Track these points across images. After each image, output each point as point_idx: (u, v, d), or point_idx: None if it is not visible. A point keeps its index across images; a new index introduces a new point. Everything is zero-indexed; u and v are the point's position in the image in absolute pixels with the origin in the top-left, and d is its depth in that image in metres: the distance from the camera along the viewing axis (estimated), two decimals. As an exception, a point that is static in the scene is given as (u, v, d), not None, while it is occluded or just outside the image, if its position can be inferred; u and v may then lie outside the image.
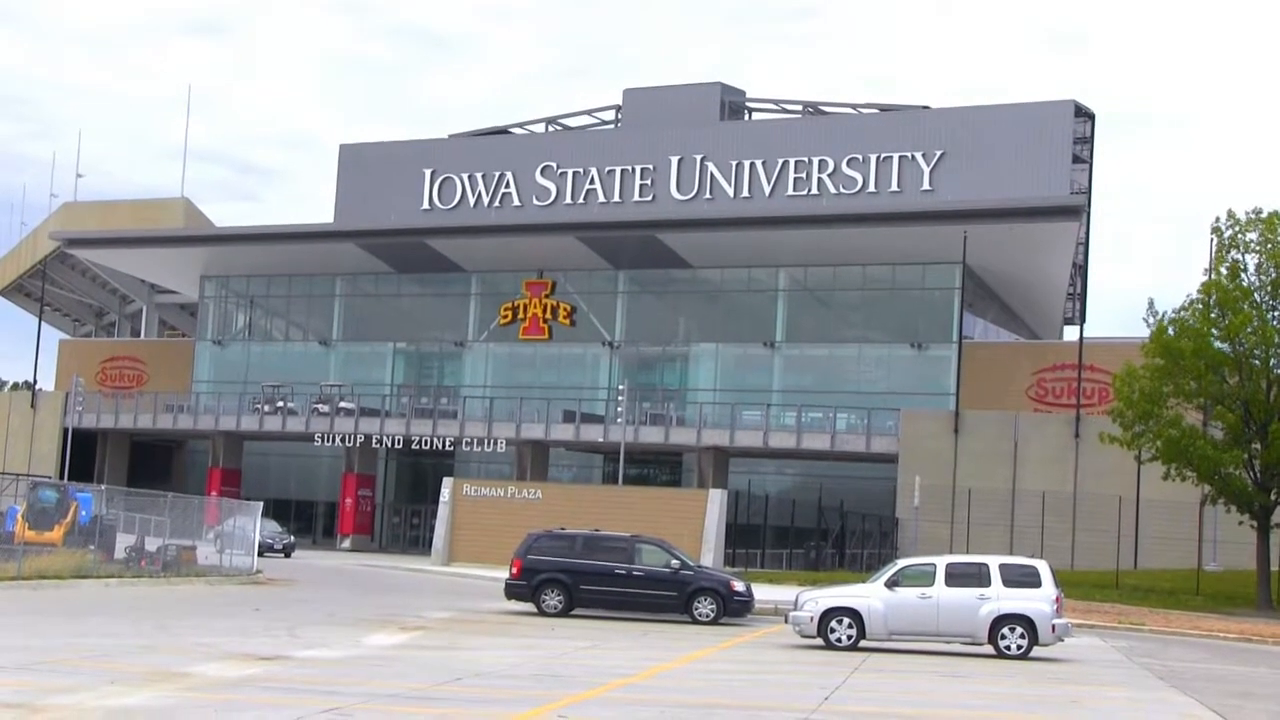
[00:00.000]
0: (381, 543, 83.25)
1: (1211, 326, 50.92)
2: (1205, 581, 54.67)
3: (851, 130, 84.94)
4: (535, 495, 61.53)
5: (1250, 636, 39.88)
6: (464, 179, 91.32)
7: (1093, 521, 61.75)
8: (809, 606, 30.32)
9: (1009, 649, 29.31)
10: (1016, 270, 76.04)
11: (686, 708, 19.66)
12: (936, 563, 31.01)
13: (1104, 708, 22.25)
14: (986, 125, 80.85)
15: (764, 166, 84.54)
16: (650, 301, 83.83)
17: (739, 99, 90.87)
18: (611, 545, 37.53)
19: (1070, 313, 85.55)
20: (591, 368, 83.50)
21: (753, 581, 40.53)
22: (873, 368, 78.35)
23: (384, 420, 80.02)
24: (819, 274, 79.17)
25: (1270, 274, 51.00)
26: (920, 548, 57.30)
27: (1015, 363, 77.47)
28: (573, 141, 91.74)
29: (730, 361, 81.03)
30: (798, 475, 79.40)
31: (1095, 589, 51.44)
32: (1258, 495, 50.76)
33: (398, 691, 19.74)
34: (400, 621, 32.13)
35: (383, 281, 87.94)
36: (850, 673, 24.97)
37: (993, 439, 68.04)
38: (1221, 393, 51.46)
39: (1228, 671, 29.54)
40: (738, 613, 36.42)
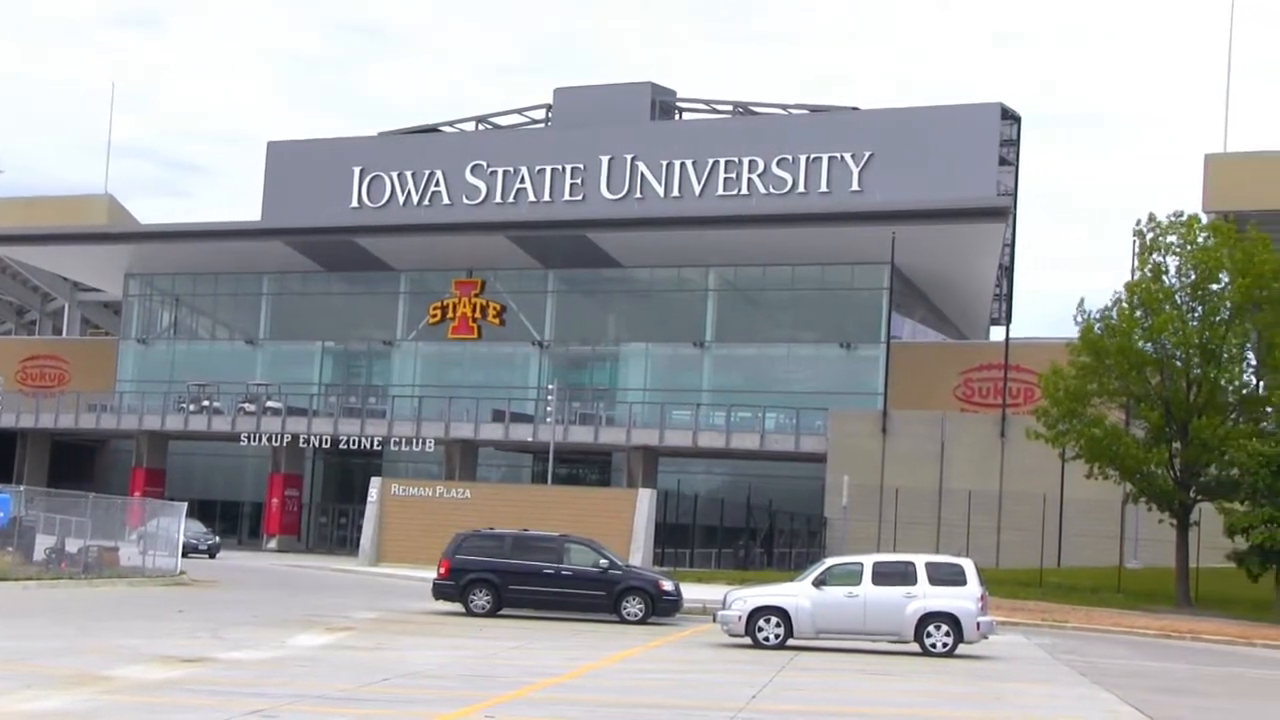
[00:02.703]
0: (308, 543, 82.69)
1: (1135, 327, 51.57)
2: (1127, 579, 55.32)
3: (781, 131, 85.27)
4: (464, 495, 61.35)
5: (1170, 633, 40.46)
6: (393, 177, 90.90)
7: (1018, 520, 62.24)
8: (737, 606, 30.44)
9: (934, 647, 29.54)
10: (944, 271, 76.61)
11: (614, 707, 19.68)
12: (864, 562, 31.23)
13: (1026, 704, 22.47)
14: (915, 127, 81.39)
15: (694, 166, 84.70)
16: (580, 301, 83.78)
17: (669, 99, 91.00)
18: (540, 545, 37.48)
19: (997, 313, 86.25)
20: (521, 367, 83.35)
21: (681, 581, 40.59)
22: (802, 367, 78.69)
23: (311, 420, 79.48)
24: (748, 274, 79.39)
25: (1190, 276, 51.72)
26: (848, 547, 57.58)
27: (942, 363, 78.06)
28: (503, 140, 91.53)
29: (660, 361, 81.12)
30: (727, 475, 79.59)
31: (1020, 587, 51.93)
32: (1178, 494, 51.43)
33: (324, 692, 19.62)
34: (327, 622, 31.94)
35: (311, 280, 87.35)
36: (777, 671, 25.07)
37: (920, 439, 68.48)
38: (1144, 392, 52.13)
39: (1148, 667, 29.94)
40: (666, 612, 36.48)
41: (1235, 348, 51.94)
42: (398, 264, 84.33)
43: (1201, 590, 51.71)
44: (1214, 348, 50.93)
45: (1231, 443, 49.36)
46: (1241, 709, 23.05)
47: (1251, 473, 47.67)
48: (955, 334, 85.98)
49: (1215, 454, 50.45)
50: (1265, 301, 50.94)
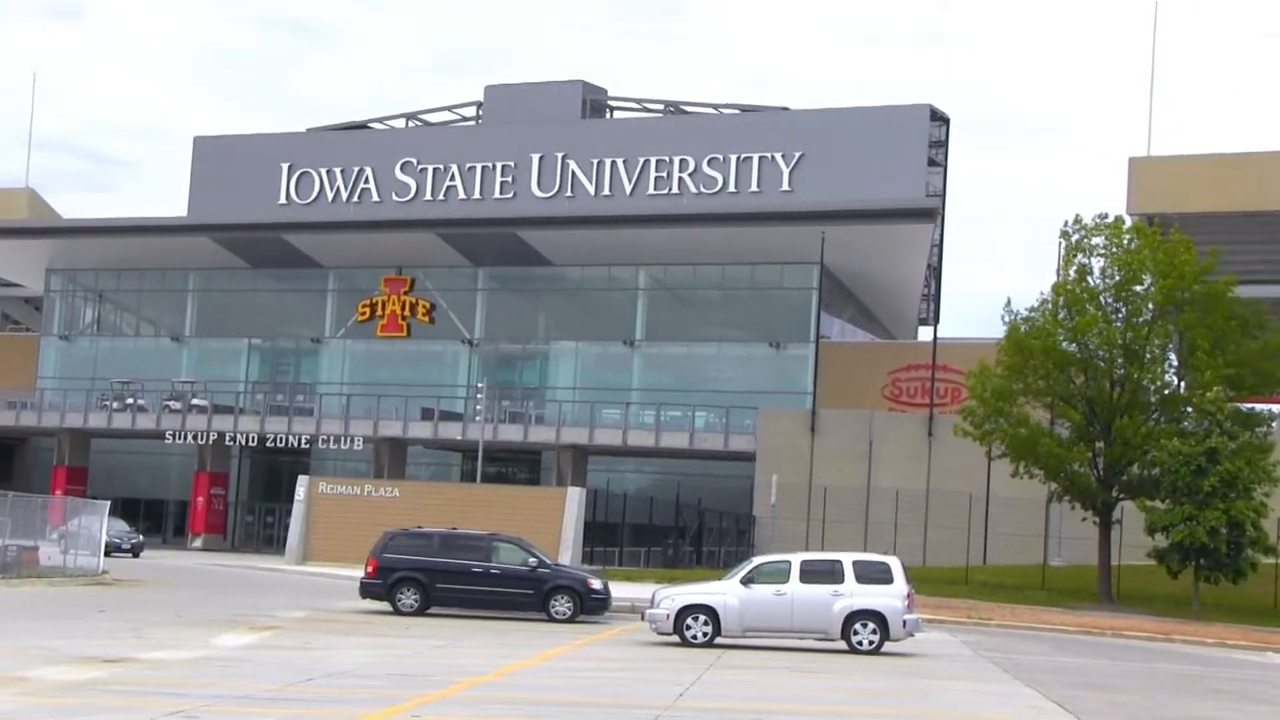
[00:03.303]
0: (234, 542, 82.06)
1: (1059, 327, 52.12)
2: (1051, 576, 55.90)
3: (712, 130, 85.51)
4: (392, 493, 61.07)
5: (1091, 629, 40.94)
6: (322, 174, 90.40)
7: (945, 518, 62.76)
8: (665, 604, 30.48)
9: (861, 644, 29.70)
10: (873, 271, 77.09)
11: (541, 705, 19.67)
12: (791, 560, 31.34)
13: (950, 701, 22.66)
14: (844, 127, 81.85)
15: (625, 165, 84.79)
16: (510, 299, 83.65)
17: (601, 97, 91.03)
18: (469, 544, 37.38)
19: (925, 313, 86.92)
20: (450, 365, 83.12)
21: (610, 579, 40.59)
22: (731, 367, 78.94)
23: (238, 417, 78.90)
24: (679, 273, 79.55)
25: (1114, 277, 52.32)
26: (777, 545, 57.78)
27: (871, 362, 78.53)
28: (434, 138, 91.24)
29: (590, 360, 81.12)
30: (656, 473, 79.74)
31: (946, 585, 52.33)
32: (1101, 492, 52.04)
33: (247, 693, 19.48)
34: (251, 621, 31.69)
35: (237, 276, 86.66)
36: (705, 669, 25.13)
37: (849, 438, 68.86)
38: (1068, 392, 52.69)
39: (1069, 663, 30.26)
40: (595, 611, 36.47)
41: (1157, 348, 52.62)
42: (326, 261, 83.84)
43: (1123, 587, 52.34)
44: (1137, 348, 51.57)
45: (1153, 442, 49.97)
46: (1157, 703, 23.34)
47: (1172, 471, 48.25)
48: (884, 334, 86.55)
49: (1137, 453, 51.07)
50: (1187, 303, 51.63)
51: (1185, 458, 47.79)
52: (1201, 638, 40.48)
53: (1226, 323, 51.35)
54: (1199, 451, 47.65)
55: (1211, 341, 50.24)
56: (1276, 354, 52.33)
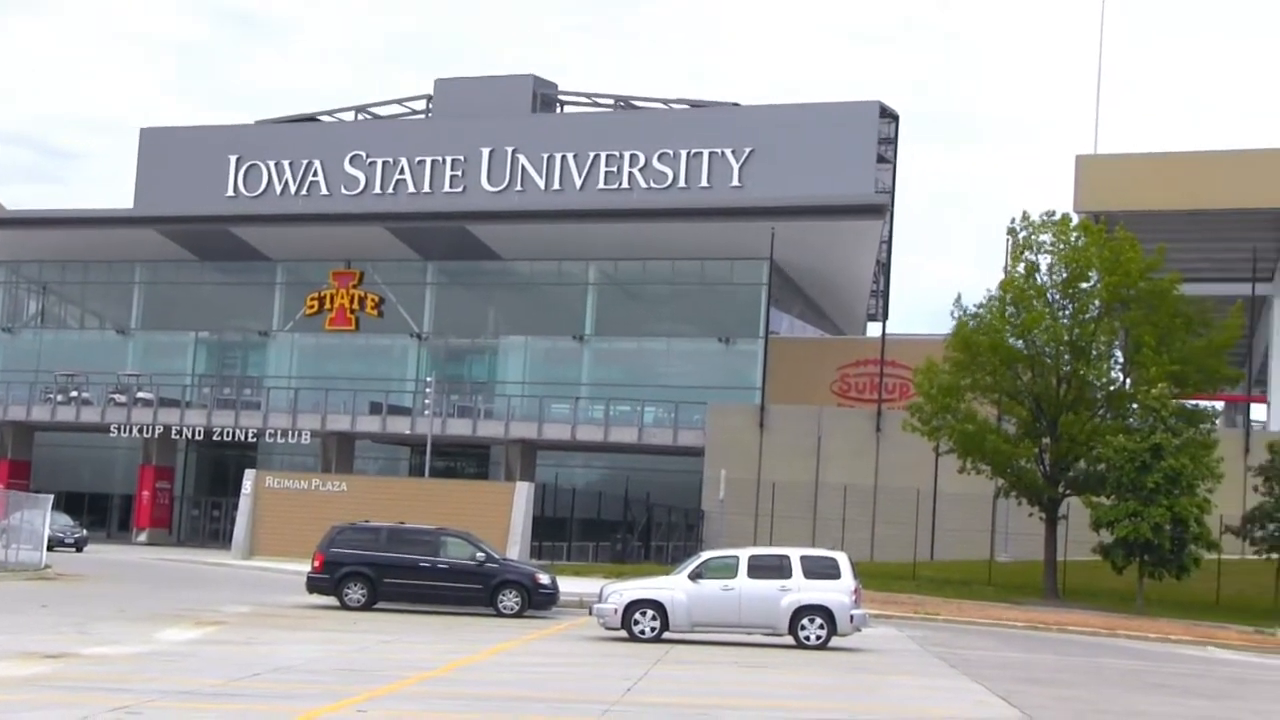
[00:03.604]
0: (180, 536, 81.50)
1: (1007, 324, 52.45)
2: (997, 572, 56.28)
3: (663, 125, 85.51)
4: (340, 488, 60.75)
5: (1037, 624, 41.23)
6: (271, 166, 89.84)
7: (893, 514, 63.07)
8: (613, 599, 30.46)
9: (808, 639, 29.77)
10: (822, 267, 77.30)
11: (489, 700, 19.61)
12: (739, 555, 31.38)
13: (897, 695, 22.75)
14: (795, 124, 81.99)
15: (575, 160, 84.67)
16: (459, 293, 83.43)
17: (551, 91, 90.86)
18: (416, 538, 37.25)
19: (874, 309, 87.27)
20: (399, 359, 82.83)
21: (559, 574, 40.57)
22: (680, 362, 78.98)
23: (184, 411, 78.35)
24: (629, 268, 79.55)
25: (1061, 274, 52.71)
26: (725, 540, 57.96)
27: (820, 358, 78.75)
28: (383, 131, 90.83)
29: (539, 354, 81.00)
30: (605, 468, 79.72)
31: (894, 580, 52.57)
32: (1047, 488, 52.43)
33: (191, 688, 19.33)
34: (197, 616, 31.46)
35: (184, 269, 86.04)
36: (653, 664, 25.13)
37: (797, 433, 69.04)
38: (1015, 388, 53.05)
39: (1015, 659, 30.44)
40: (543, 605, 36.45)
41: (1103, 345, 53.09)
42: (274, 254, 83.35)
43: (1069, 582, 52.73)
44: (1083, 345, 51.99)
45: (1099, 438, 50.40)
46: (1101, 697, 23.52)
47: (1117, 467, 48.65)
48: (833, 329, 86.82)
49: (1083, 449, 51.49)
50: (1132, 300, 52.12)
51: (1130, 454, 48.18)
52: (1145, 632, 40.87)
53: (1171, 320, 51.83)
54: (1144, 448, 48.06)
55: (1157, 339, 50.70)
56: (1220, 351, 52.88)
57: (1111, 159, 72.53)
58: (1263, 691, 26.89)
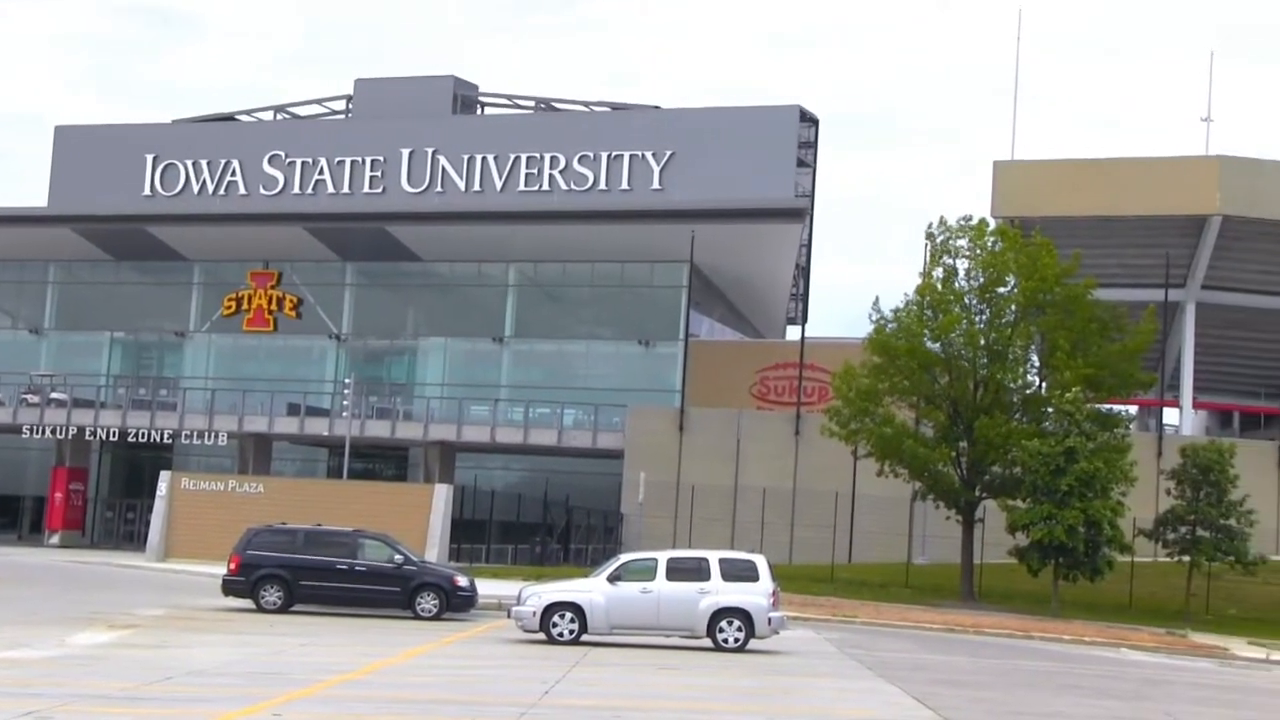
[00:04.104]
0: (94, 538, 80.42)
1: (924, 327, 52.84)
2: (914, 574, 56.70)
3: (583, 128, 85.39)
4: (257, 489, 60.29)
5: (954, 626, 41.58)
6: (188, 166, 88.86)
7: (811, 517, 63.35)
8: (532, 601, 30.44)
9: (726, 642, 29.87)
10: (742, 270, 77.54)
11: (405, 703, 19.53)
12: (658, 558, 31.47)
13: (813, 698, 22.87)
14: (715, 127, 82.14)
15: (496, 161, 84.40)
16: (379, 294, 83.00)
17: (471, 93, 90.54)
18: (334, 540, 37.08)
19: (793, 312, 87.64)
20: (318, 360, 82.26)
21: (478, 577, 40.50)
22: (601, 364, 78.95)
23: (98, 412, 77.34)
24: (549, 270, 79.43)
25: (978, 279, 53.19)
26: (644, 543, 57.94)
27: (740, 361, 78.97)
28: (302, 131, 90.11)
29: (459, 356, 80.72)
30: (525, 470, 79.55)
31: (812, 583, 52.84)
32: (964, 491, 52.88)
33: (104, 692, 19.10)
34: (110, 619, 31.08)
35: (100, 269, 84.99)
36: (571, 667, 25.12)
37: (717, 436, 69.20)
38: (932, 392, 53.46)
39: (931, 660, 30.69)
40: (461, 608, 36.37)
41: (1020, 349, 53.62)
42: (191, 254, 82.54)
43: (985, 585, 53.22)
44: (1000, 349, 52.49)
45: (1014, 441, 50.85)
46: (1014, 699, 23.78)
47: (1032, 471, 49.13)
48: (753, 332, 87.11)
49: (999, 453, 51.94)
50: (1048, 305, 52.67)
51: (1045, 457, 48.67)
52: (1060, 634, 41.34)
53: (1086, 325, 52.44)
54: (1058, 451, 48.55)
55: (1072, 343, 51.29)
56: (1134, 356, 53.56)
57: (1028, 165, 73.28)
58: (1174, 692, 27.27)
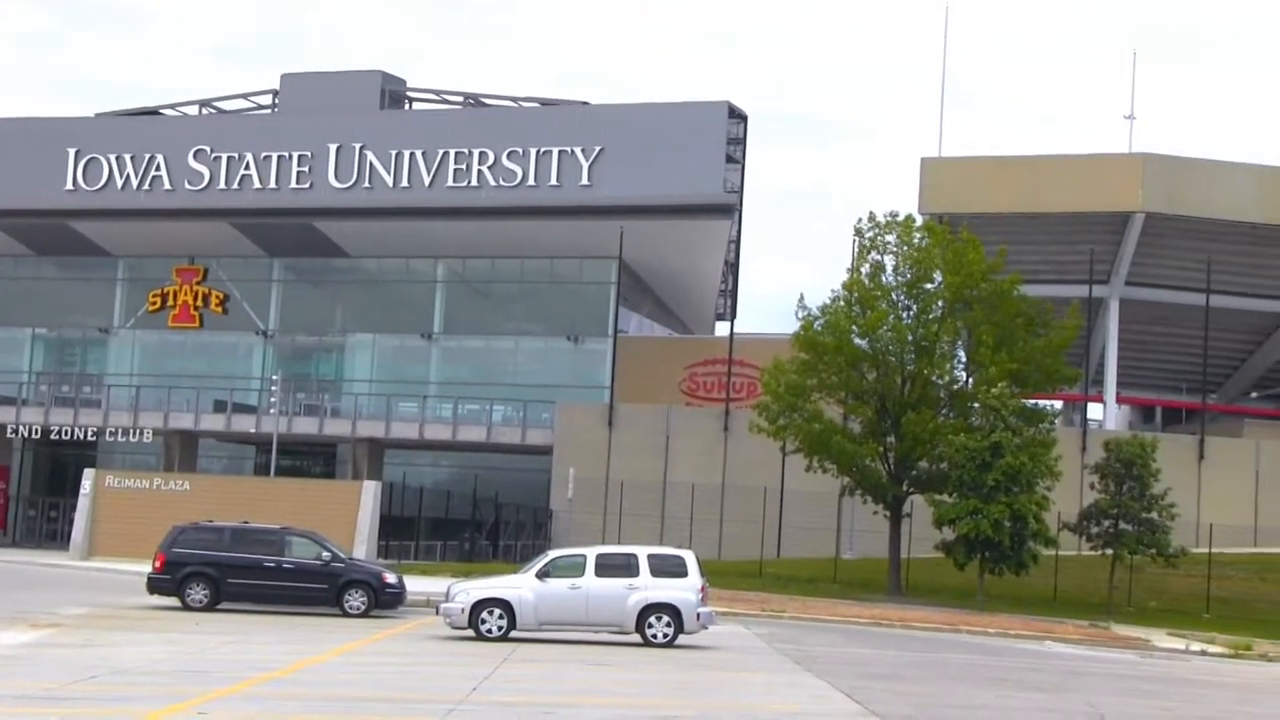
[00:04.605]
0: (15, 537, 79.48)
1: (852, 323, 53.13)
2: (843, 569, 57.02)
3: (512, 123, 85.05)
4: (183, 487, 59.83)
5: (881, 620, 41.85)
6: (111, 160, 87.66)
7: (740, 512, 63.54)
8: (460, 598, 30.40)
9: (655, 637, 29.95)
10: (671, 266, 77.69)
11: (332, 700, 19.45)
12: (587, 554, 31.50)
13: (741, 692, 22.96)
14: (644, 123, 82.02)
15: (424, 157, 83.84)
16: (306, 291, 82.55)
17: (400, 88, 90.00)
18: (261, 538, 36.89)
19: (722, 309, 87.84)
20: (245, 357, 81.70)
21: (406, 574, 40.41)
22: (529, 360, 78.91)
23: (20, 409, 76.47)
24: (478, 266, 79.32)
25: (905, 275, 53.55)
26: (574, 539, 57.98)
27: (669, 357, 79.13)
28: (227, 125, 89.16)
29: (387, 352, 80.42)
30: (453, 467, 79.38)
31: (741, 578, 53.02)
32: (891, 486, 53.22)
33: (26, 692, 18.89)
34: (32, 619, 30.72)
35: (21, 264, 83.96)
36: (500, 663, 25.09)
37: (646, 432, 69.31)
38: (860, 388, 53.76)
39: (859, 654, 30.88)
40: (390, 605, 36.27)
41: (947, 344, 53.98)
42: (115, 249, 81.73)
43: (912, 579, 53.61)
44: (927, 344, 52.83)
45: (941, 437, 51.23)
46: (940, 692, 23.98)
47: (958, 466, 49.53)
48: (682, 329, 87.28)
49: (926, 448, 52.32)
50: (975, 300, 53.08)
51: (971, 452, 49.08)
52: (985, 628, 41.72)
53: (1012, 320, 52.89)
54: (984, 446, 48.99)
55: (997, 338, 51.71)
56: (1059, 351, 54.08)
57: (955, 161, 73.79)
58: (1096, 684, 27.60)
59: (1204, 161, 72.00)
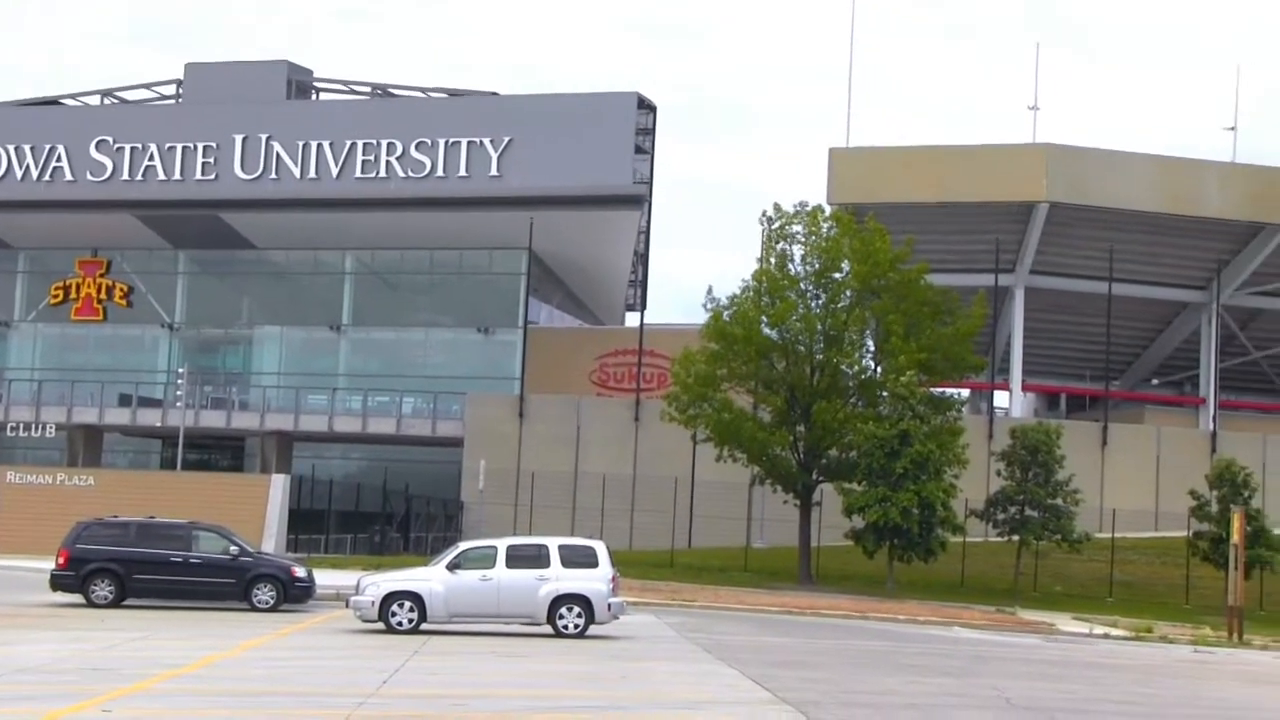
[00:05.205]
0: (-86, 535, 78.06)
1: (761, 313, 53.37)
2: (753, 558, 57.32)
3: (420, 114, 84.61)
4: (88, 482, 58.99)
5: (791, 609, 42.12)
6: (10, 151, 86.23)
7: (651, 502, 63.71)
8: (370, 591, 30.26)
9: (566, 628, 29.96)
10: (581, 257, 77.69)
11: (239, 696, 19.29)
12: (497, 545, 31.44)
13: (652, 682, 23.03)
14: (553, 114, 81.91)
15: (331, 148, 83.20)
16: (212, 283, 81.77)
17: (306, 78, 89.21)
18: (167, 533, 36.42)
19: (632, 299, 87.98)
20: (150, 350, 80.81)
21: (316, 567, 40.11)
22: (440, 352, 78.67)
23: (-82, 404, 75.18)
24: (386, 257, 78.93)
25: (814, 264, 53.85)
26: (485, 530, 57.75)
27: (579, 348, 79.15)
28: (131, 116, 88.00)
29: (296, 344, 79.84)
30: (364, 459, 78.98)
31: (652, 568, 53.15)
32: (801, 475, 53.55)
33: (-75, 692, 18.57)
34: (-68, 618, 30.23)
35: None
36: (410, 656, 25.00)
37: (557, 422, 69.30)
38: (770, 377, 54.02)
39: (769, 643, 31.07)
40: (299, 599, 36.00)
41: (855, 334, 54.39)
42: (16, 242, 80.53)
43: (822, 567, 53.99)
44: (836, 334, 53.20)
45: (850, 425, 51.61)
46: (847, 678, 24.19)
47: (867, 454, 49.93)
48: (592, 319, 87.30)
49: (835, 436, 52.69)
50: (883, 290, 53.50)
51: (880, 441, 49.50)
52: (895, 614, 42.11)
53: (920, 309, 53.37)
54: (893, 434, 49.42)
55: (906, 327, 52.15)
56: (966, 340, 54.64)
57: (862, 152, 74.24)
58: (1002, 668, 27.95)
59: (1105, 152, 72.98)
